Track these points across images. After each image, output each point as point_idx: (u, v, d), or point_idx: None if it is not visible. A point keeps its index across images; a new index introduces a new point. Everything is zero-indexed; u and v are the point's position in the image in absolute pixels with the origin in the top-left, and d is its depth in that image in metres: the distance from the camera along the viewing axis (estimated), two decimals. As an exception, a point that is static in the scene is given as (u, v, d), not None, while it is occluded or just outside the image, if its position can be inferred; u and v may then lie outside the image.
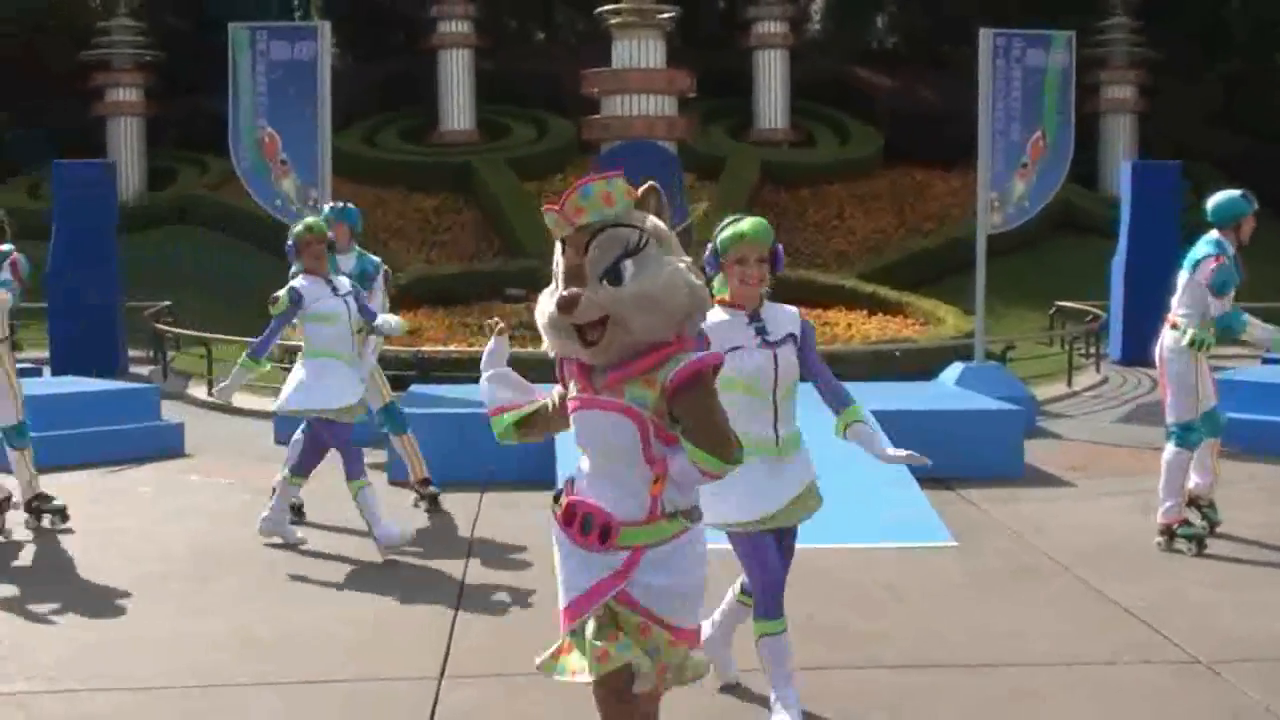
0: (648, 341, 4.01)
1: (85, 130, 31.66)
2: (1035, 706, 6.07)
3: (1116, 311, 20.19)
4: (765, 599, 5.83)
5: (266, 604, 7.85)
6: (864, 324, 20.93)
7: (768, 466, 5.66)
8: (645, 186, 4.13)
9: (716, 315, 5.58)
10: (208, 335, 18.33)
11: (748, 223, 5.68)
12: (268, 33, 14.60)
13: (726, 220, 5.77)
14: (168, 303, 21.59)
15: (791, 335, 5.79)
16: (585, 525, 4.12)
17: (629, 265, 3.99)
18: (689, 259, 4.17)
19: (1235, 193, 9.11)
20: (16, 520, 9.70)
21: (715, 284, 5.69)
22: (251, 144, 14.56)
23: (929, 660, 6.71)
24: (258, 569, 8.64)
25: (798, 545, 9.03)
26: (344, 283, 9.39)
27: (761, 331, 5.70)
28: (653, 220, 4.10)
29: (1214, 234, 8.99)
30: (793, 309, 5.93)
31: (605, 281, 3.97)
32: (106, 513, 10.37)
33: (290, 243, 9.38)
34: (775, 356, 5.69)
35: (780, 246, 5.75)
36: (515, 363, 4.65)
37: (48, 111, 31.79)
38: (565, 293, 3.99)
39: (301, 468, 9.25)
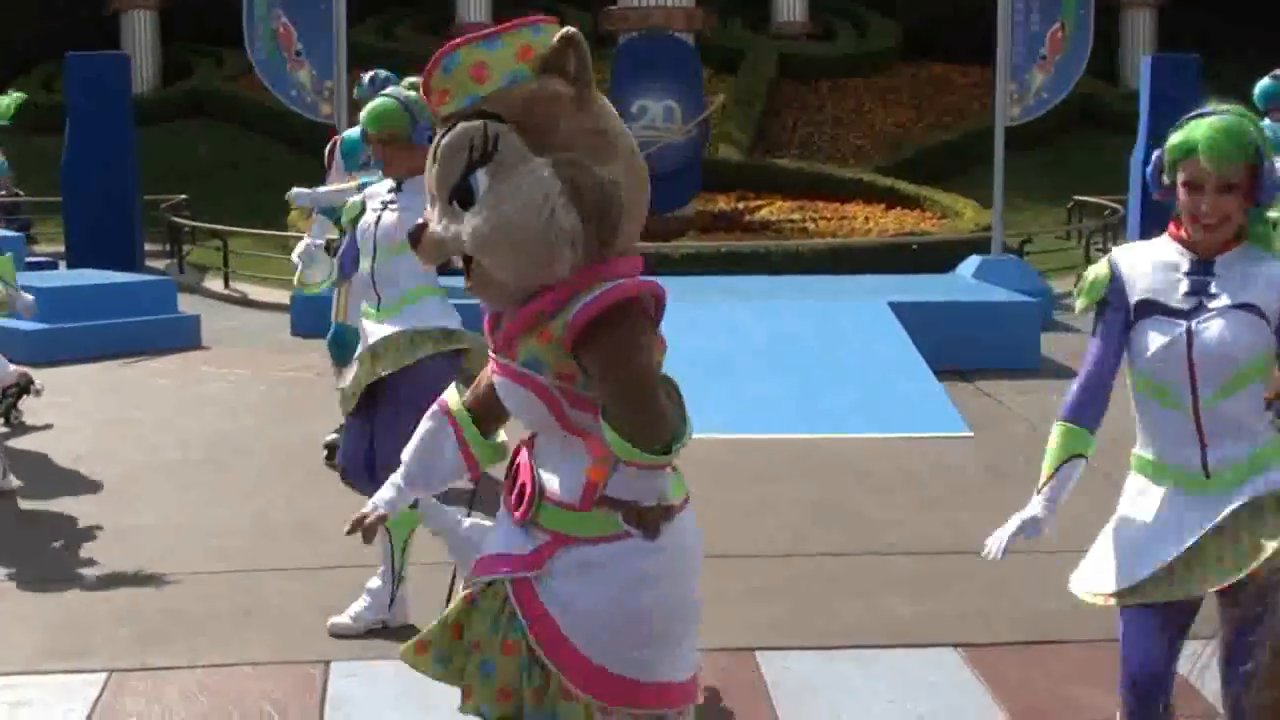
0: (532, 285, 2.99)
1: (99, 24, 31.43)
2: (1051, 591, 6.08)
3: (1135, 206, 20.00)
4: (1129, 700, 3.75)
5: (283, 492, 7.88)
6: (882, 218, 20.82)
7: (1183, 501, 3.61)
8: (559, 37, 3.00)
9: (1148, 250, 3.69)
10: (223, 228, 18.31)
11: (1206, 126, 3.47)
12: (281, -80, 14.46)
13: (1189, 115, 3.61)
14: (184, 196, 21.55)
15: (1252, 306, 3.49)
16: (511, 484, 3.24)
17: (481, 178, 2.94)
18: (593, 149, 2.96)
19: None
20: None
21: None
22: (266, 34, 14.45)
23: (946, 546, 6.73)
24: (274, 458, 8.67)
25: (815, 435, 9.07)
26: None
27: (1200, 290, 3.54)
28: (529, 94, 2.96)
29: (1265, 121, 9.47)
30: None
31: (456, 203, 2.98)
32: (124, 403, 10.40)
33: None
34: (1189, 332, 3.51)
35: (1271, 165, 3.50)
36: None
37: (61, 5, 31.54)
38: (417, 222, 3.05)
39: None
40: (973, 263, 14.61)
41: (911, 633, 5.72)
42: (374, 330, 5.86)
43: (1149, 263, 3.64)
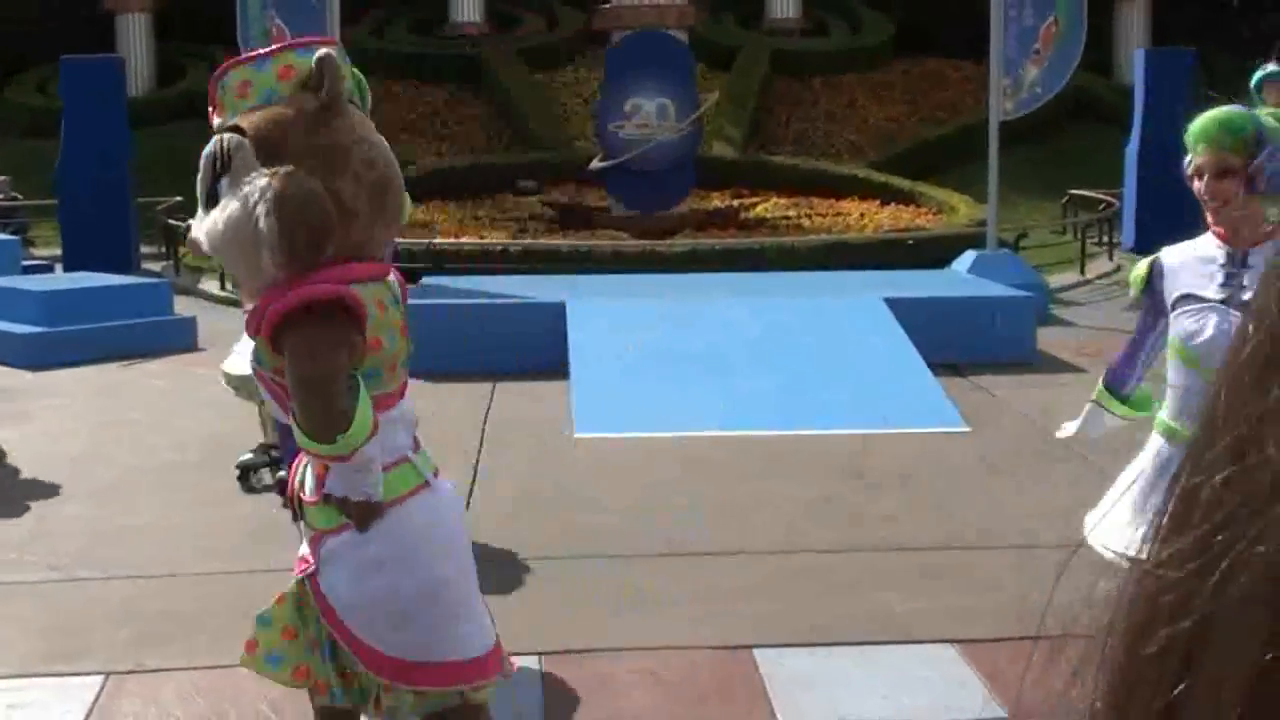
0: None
1: (94, 26, 31.41)
2: (1046, 585, 6.08)
3: (1130, 199, 20.07)
4: None
5: (278, 493, 7.88)
6: (877, 213, 20.83)
7: None
8: (316, 58, 3.33)
9: (1192, 247, 4.09)
10: (219, 230, 18.29)
11: (1202, 117, 3.90)
12: (274, -79, 14.45)
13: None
14: (179, 198, 21.48)
15: None
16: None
17: (224, 185, 3.25)
18: (321, 164, 3.23)
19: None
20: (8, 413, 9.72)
21: None
22: (260, 35, 14.44)
23: (941, 542, 6.74)
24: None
25: (810, 431, 9.10)
26: None
27: (1232, 281, 3.91)
28: (271, 111, 3.30)
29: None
30: None
31: (207, 208, 3.31)
32: (120, 406, 10.40)
33: None
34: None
35: (1268, 157, 3.81)
36: (527, 254, 4.31)
37: (56, 7, 31.53)
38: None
39: None
40: (968, 258, 14.62)
41: (908, 628, 5.73)
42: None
43: (1190, 258, 4.01)
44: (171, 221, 19.77)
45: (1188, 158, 3.93)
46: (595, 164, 19.99)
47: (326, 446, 3.13)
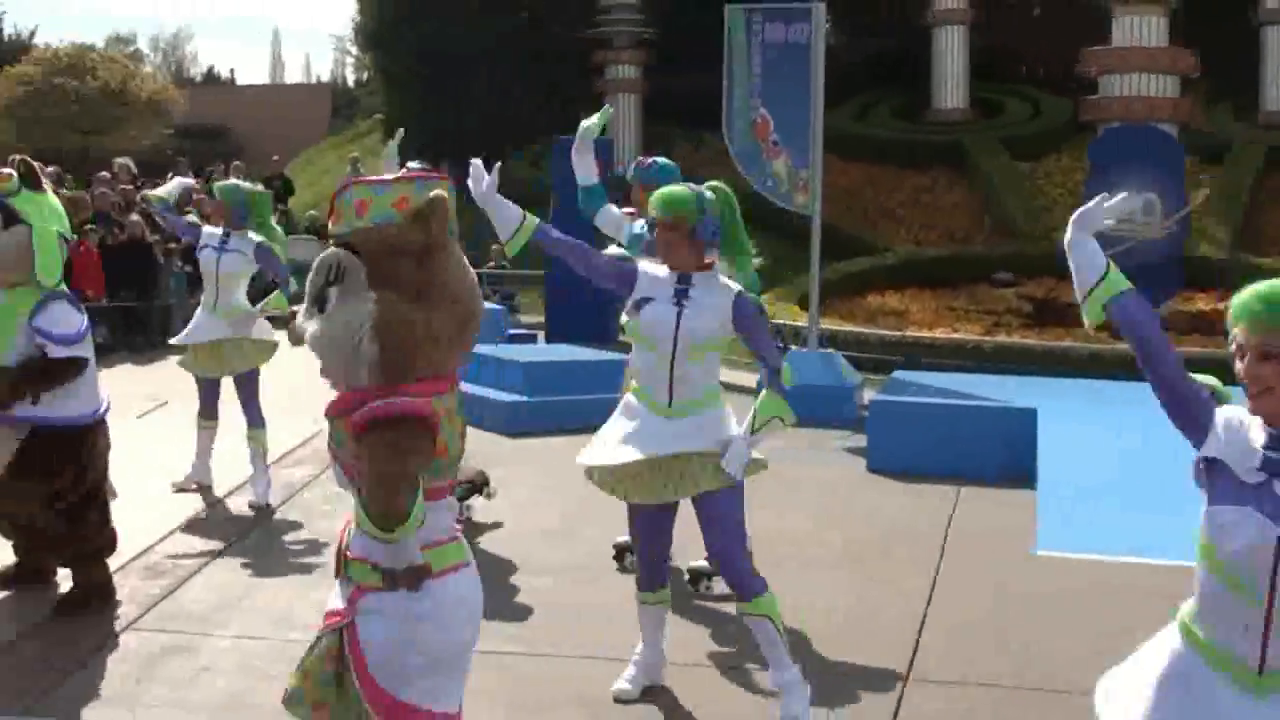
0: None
1: (590, 106, 32.82)
2: None
3: None
4: None
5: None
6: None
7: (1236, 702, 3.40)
8: (429, 198, 3.71)
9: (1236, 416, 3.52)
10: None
11: (1250, 292, 3.39)
12: (763, 14, 14.69)
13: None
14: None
15: None
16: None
17: (333, 294, 3.69)
18: (421, 294, 3.68)
19: None
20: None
21: None
22: (745, 125, 14.74)
23: None
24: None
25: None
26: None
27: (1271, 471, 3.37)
28: (385, 237, 3.70)
29: None
30: None
31: (316, 308, 3.73)
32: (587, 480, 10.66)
33: None
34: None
35: None
36: (1000, 351, 4.09)
37: (558, 87, 33.13)
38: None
39: None
40: None
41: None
42: (663, 433, 5.90)
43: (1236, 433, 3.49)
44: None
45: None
46: (1075, 258, 19.57)
47: (382, 533, 3.62)
